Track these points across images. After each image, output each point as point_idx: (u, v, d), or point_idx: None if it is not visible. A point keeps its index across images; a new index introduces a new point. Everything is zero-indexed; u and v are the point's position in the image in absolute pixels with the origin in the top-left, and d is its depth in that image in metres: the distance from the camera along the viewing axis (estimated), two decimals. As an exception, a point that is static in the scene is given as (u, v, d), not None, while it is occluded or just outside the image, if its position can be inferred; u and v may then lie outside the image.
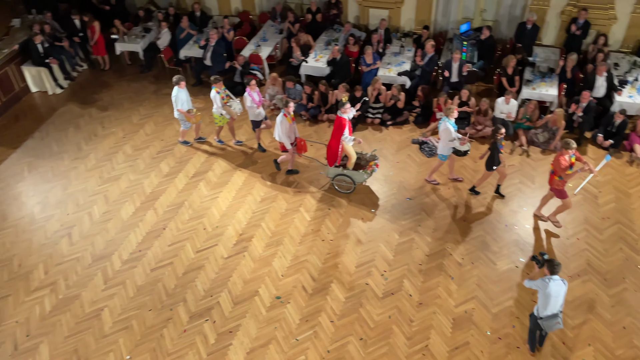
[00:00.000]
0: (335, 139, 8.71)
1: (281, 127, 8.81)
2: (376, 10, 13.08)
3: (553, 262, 5.96)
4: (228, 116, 9.88)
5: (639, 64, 11.07)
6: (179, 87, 9.66)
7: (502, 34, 12.64)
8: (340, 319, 7.26)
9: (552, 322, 6.10)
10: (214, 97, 9.64)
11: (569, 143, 7.46)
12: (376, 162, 9.19)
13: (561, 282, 5.98)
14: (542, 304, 6.08)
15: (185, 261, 8.23)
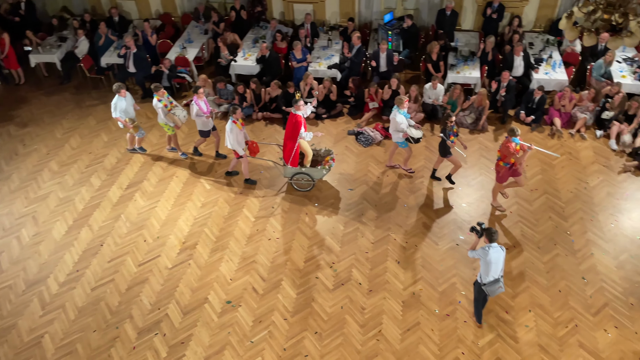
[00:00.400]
0: (292, 137, 8.56)
1: (232, 134, 8.54)
2: (301, 5, 13.10)
3: (490, 231, 6.28)
4: (172, 123, 9.50)
5: (551, 42, 11.75)
6: (119, 95, 9.24)
7: (423, 22, 13.03)
8: (293, 316, 7.26)
9: (495, 286, 6.43)
10: (156, 106, 9.25)
11: (514, 130, 7.65)
12: (332, 156, 9.18)
13: (499, 249, 6.31)
14: (484, 271, 6.38)
15: (127, 276, 7.93)
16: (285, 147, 8.79)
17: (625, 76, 10.51)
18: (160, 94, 9.19)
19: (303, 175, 8.97)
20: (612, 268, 7.64)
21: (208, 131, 9.60)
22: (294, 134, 8.53)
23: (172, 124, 9.49)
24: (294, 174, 8.99)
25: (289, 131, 8.61)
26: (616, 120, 9.90)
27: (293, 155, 8.67)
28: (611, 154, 9.67)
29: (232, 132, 8.55)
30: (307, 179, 9.02)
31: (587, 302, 7.22)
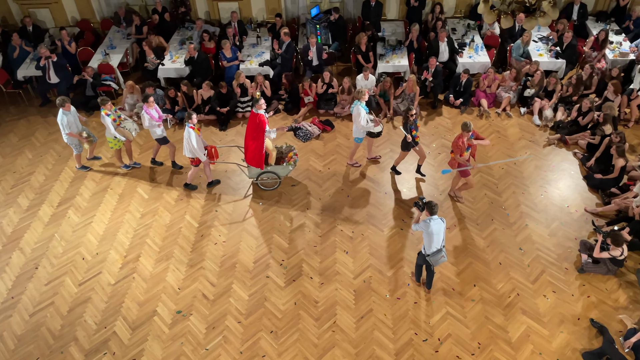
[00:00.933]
0: (256, 137, 8.31)
1: (191, 140, 8.23)
2: (226, 4, 12.90)
3: (431, 204, 6.60)
4: (123, 139, 9.02)
5: (472, 26, 12.24)
6: (64, 110, 8.70)
7: (350, 14, 13.18)
8: (247, 318, 7.19)
9: (438, 256, 6.78)
10: (104, 120, 8.74)
11: (467, 125, 7.70)
12: (294, 152, 9.08)
13: (440, 221, 6.65)
14: (427, 243, 6.70)
15: (68, 298, 7.54)
16: (248, 147, 8.51)
17: (542, 54, 11.13)
18: (108, 108, 8.70)
19: (269, 174, 8.84)
20: (545, 237, 8.10)
21: (165, 138, 9.20)
22: (257, 134, 8.28)
23: (123, 138, 9.00)
24: (260, 174, 8.85)
25: (251, 131, 8.36)
26: (537, 97, 10.46)
27: (259, 155, 8.40)
28: (535, 129, 10.22)
29: (191, 138, 8.24)
30: (273, 177, 8.91)
31: (526, 271, 7.62)
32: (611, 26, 11.83)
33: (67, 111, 8.78)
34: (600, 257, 7.21)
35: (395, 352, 6.71)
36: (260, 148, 8.38)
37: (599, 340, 6.68)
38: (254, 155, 8.46)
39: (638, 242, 7.51)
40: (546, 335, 6.81)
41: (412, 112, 8.29)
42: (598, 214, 8.36)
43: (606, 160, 8.79)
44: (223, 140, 10.26)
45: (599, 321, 6.87)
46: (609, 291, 7.29)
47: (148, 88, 10.51)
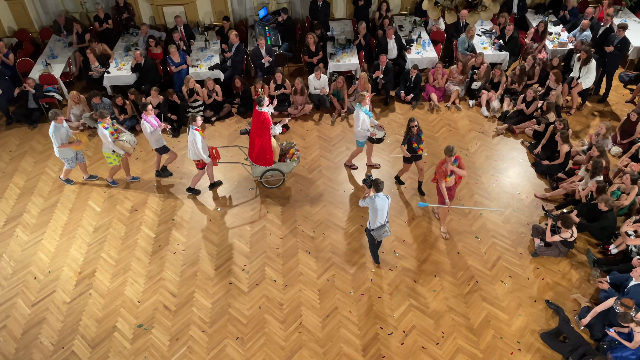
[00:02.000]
0: (261, 135, 8.25)
1: (197, 143, 8.08)
2: (170, 8, 12.64)
3: (377, 181, 6.89)
4: (122, 152, 8.60)
5: (418, 22, 12.48)
6: (56, 123, 8.26)
7: (298, 14, 13.19)
8: (211, 326, 7.07)
9: (381, 231, 7.12)
10: (102, 134, 8.32)
11: (449, 149, 7.28)
12: (295, 148, 9.03)
13: (385, 197, 6.97)
14: (372, 218, 7.06)
15: (21, 320, 7.21)
16: (254, 146, 8.42)
17: (487, 47, 11.48)
18: (106, 121, 8.31)
19: (273, 172, 8.73)
20: (499, 224, 8.36)
21: (164, 146, 8.92)
22: (262, 132, 8.23)
23: (122, 152, 8.60)
24: (264, 172, 8.72)
25: (255, 129, 8.28)
26: (484, 89, 10.78)
27: (266, 153, 8.39)
28: (484, 120, 10.53)
29: (196, 141, 8.07)
30: (277, 175, 8.82)
31: (483, 258, 7.84)
32: (549, 18, 12.33)
33: (59, 124, 8.35)
34: (551, 240, 7.50)
35: (362, 347, 6.76)
36: (267, 146, 8.36)
37: (555, 320, 6.95)
38: (260, 153, 8.42)
39: (586, 223, 7.86)
40: (506, 319, 7.03)
41: (414, 123, 8.02)
42: (547, 199, 8.70)
43: (552, 146, 9.15)
44: (176, 147, 10.05)
45: (554, 302, 7.15)
46: (562, 272, 7.60)
47: (95, 98, 10.18)
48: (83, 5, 12.61)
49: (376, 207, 6.91)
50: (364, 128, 8.53)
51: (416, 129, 8.07)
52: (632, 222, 7.60)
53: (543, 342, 6.73)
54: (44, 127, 10.69)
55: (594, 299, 7.21)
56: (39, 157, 9.95)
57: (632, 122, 9.22)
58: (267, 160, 8.53)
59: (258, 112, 8.23)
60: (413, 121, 8.02)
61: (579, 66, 10.13)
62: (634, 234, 7.45)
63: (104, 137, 8.38)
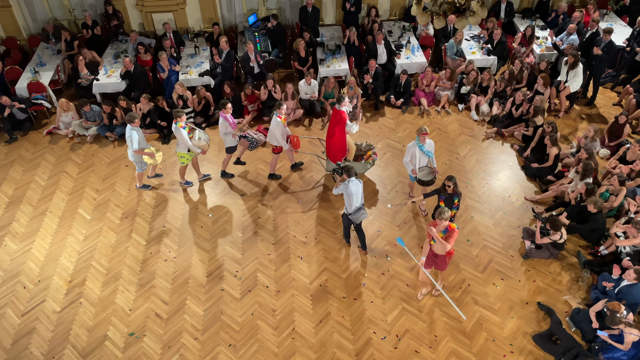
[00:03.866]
0: (338, 132, 8.38)
1: (277, 130, 8.48)
2: (159, 15, 12.62)
3: (348, 167, 7.13)
4: (199, 151, 8.57)
5: (407, 28, 12.56)
6: (132, 126, 8.20)
7: (288, 20, 13.23)
8: (204, 333, 7.03)
9: (359, 214, 7.34)
10: (178, 133, 8.30)
11: (441, 213, 6.27)
12: (374, 150, 9.01)
13: (357, 182, 7.23)
14: (348, 203, 7.26)
15: (10, 330, 7.12)
16: (333, 143, 8.54)
17: (475, 52, 11.57)
18: (182, 120, 8.28)
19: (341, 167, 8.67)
20: (490, 227, 8.40)
21: (235, 146, 9.06)
22: (340, 129, 8.38)
23: (199, 151, 8.57)
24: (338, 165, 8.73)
25: (331, 127, 8.44)
26: (473, 93, 10.86)
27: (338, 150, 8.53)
28: (474, 124, 10.60)
29: (277, 128, 8.44)
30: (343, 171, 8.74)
31: (475, 261, 7.87)
32: (537, 22, 12.46)
33: (135, 127, 8.28)
34: (541, 242, 7.55)
35: (356, 352, 6.75)
36: (339, 143, 8.46)
37: (547, 322, 6.99)
38: (334, 149, 8.57)
39: (576, 225, 7.92)
40: (498, 322, 7.05)
41: (450, 182, 7.13)
42: (537, 202, 8.76)
43: (541, 149, 9.23)
44: (166, 153, 10.01)
45: (545, 304, 7.19)
46: (553, 274, 7.64)
47: (85, 106, 10.14)
48: (71, 13, 12.56)
49: (351, 192, 7.12)
50: None
51: (452, 189, 7.16)
52: (621, 223, 7.67)
53: (535, 344, 6.76)
54: (32, 135, 10.61)
55: (585, 300, 7.26)
56: (27, 166, 9.87)
57: (620, 124, 9.33)
58: (338, 157, 8.64)
59: (336, 110, 8.35)
60: (450, 180, 7.09)
61: (566, 70, 10.24)
62: (623, 235, 7.52)
63: (181, 137, 8.32)
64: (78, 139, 10.43)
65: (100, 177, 9.55)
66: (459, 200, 7.40)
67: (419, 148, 7.91)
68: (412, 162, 8.04)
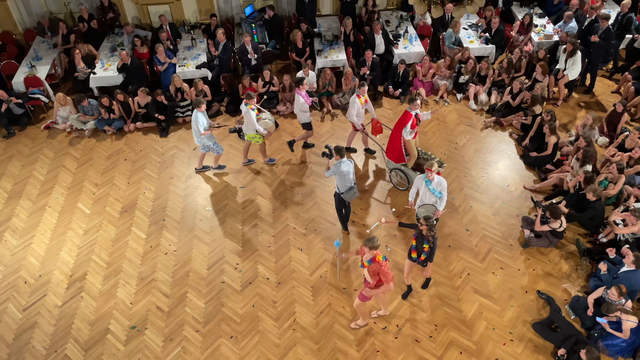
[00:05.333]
0: (396, 133, 8.26)
1: (353, 108, 8.56)
2: (155, 7, 12.52)
3: (338, 147, 7.25)
4: (265, 132, 8.78)
5: (405, 17, 12.49)
6: (199, 110, 8.40)
7: (285, 11, 13.14)
8: (205, 326, 7.06)
9: (351, 192, 7.46)
10: (247, 115, 8.54)
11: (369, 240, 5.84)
12: (440, 168, 8.15)
13: (348, 162, 7.33)
14: (341, 183, 7.35)
15: (12, 324, 7.15)
16: (390, 140, 8.47)
17: (473, 41, 11.52)
18: (252, 103, 8.54)
19: (400, 173, 8.63)
20: (489, 216, 8.41)
21: (310, 123, 9.20)
22: (398, 129, 8.24)
23: (264, 132, 8.75)
24: (393, 169, 8.72)
25: (395, 127, 8.31)
26: (471, 82, 10.83)
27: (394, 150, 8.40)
28: (472, 113, 10.58)
29: (353, 106, 8.55)
30: (402, 178, 8.69)
31: (474, 250, 7.89)
32: (534, 10, 12.40)
33: (202, 111, 8.48)
34: (541, 229, 7.57)
35: (357, 342, 6.79)
36: (395, 143, 8.37)
37: (546, 310, 7.02)
38: (391, 149, 8.50)
39: (575, 214, 7.94)
40: (498, 310, 7.09)
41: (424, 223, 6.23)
42: (536, 190, 8.77)
43: (540, 138, 9.23)
44: (165, 146, 10.00)
45: (545, 292, 7.23)
46: (552, 262, 7.67)
47: (83, 101, 10.11)
48: (67, 6, 12.47)
49: (342, 172, 7.21)
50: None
51: (426, 231, 6.24)
52: (620, 211, 7.69)
53: (535, 332, 6.80)
54: (29, 130, 10.58)
55: (585, 288, 7.29)
56: (26, 161, 9.85)
57: (618, 113, 9.31)
58: (393, 157, 8.54)
59: (407, 111, 8.11)
60: (426, 220, 6.21)
61: (564, 58, 10.20)
62: (622, 223, 7.54)
63: (249, 119, 8.55)
64: (76, 133, 10.41)
65: (99, 171, 9.54)
66: (431, 248, 6.33)
67: (425, 184, 7.16)
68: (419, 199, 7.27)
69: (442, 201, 7.14)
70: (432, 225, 6.19)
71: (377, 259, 5.87)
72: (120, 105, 10.25)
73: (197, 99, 8.51)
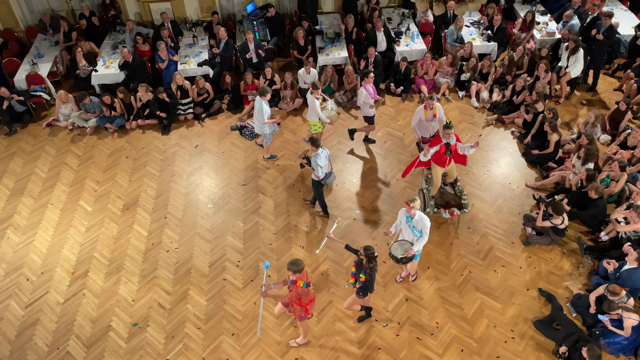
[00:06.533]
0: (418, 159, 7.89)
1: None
2: (157, 5, 12.52)
3: (313, 139, 7.55)
4: (327, 121, 8.93)
5: (407, 15, 12.46)
6: (264, 99, 8.61)
7: (286, 9, 13.13)
8: (207, 323, 7.07)
9: (330, 178, 7.91)
10: (312, 103, 8.72)
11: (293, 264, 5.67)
12: (459, 211, 7.97)
13: (325, 151, 7.69)
14: (320, 170, 7.60)
15: (14, 321, 7.17)
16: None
17: (475, 38, 11.49)
18: (317, 93, 8.78)
19: (421, 194, 8.27)
20: (491, 214, 8.41)
21: (373, 117, 9.26)
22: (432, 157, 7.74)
23: (327, 121, 8.92)
24: (420, 189, 8.50)
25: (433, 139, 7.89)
26: (473, 80, 10.81)
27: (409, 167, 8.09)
28: (474, 111, 10.56)
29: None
30: (421, 200, 8.02)
31: (476, 248, 7.89)
32: (537, 7, 12.36)
33: (266, 100, 8.65)
34: (542, 225, 7.55)
35: (358, 340, 6.79)
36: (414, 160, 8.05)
37: (548, 308, 7.02)
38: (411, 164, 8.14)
39: (576, 211, 7.92)
40: (499, 308, 7.09)
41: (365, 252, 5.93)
42: (538, 188, 8.76)
43: (542, 136, 9.21)
44: (166, 144, 10.01)
45: (546, 290, 7.22)
46: (554, 260, 7.67)
47: (85, 99, 10.12)
48: (68, 3, 12.47)
49: (322, 161, 7.52)
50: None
51: (366, 262, 5.96)
52: (622, 209, 7.68)
53: (536, 330, 6.80)
54: (31, 127, 10.60)
55: (586, 286, 7.28)
56: (27, 158, 9.87)
57: (622, 111, 9.29)
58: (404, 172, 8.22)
59: (438, 137, 7.67)
60: (365, 250, 5.93)
61: (567, 55, 10.17)
62: (623, 220, 7.53)
63: (313, 107, 8.74)
64: (78, 131, 10.42)
65: (101, 168, 9.55)
66: (367, 280, 6.06)
67: (406, 219, 6.64)
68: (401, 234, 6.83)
69: (419, 241, 6.52)
70: (372, 256, 5.88)
71: (298, 283, 5.65)
72: (122, 103, 10.24)
73: (263, 87, 8.62)
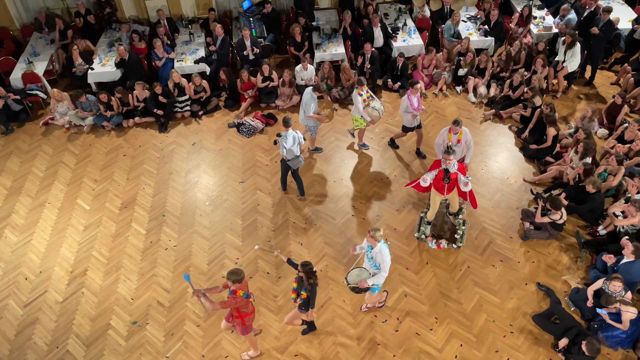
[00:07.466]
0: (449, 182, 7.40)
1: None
2: (152, 2, 12.47)
3: (285, 119, 7.75)
4: (369, 119, 8.87)
5: (403, 10, 12.43)
6: (312, 92, 8.69)
7: (283, 5, 13.09)
8: (206, 320, 7.08)
9: (297, 160, 8.03)
10: (355, 98, 8.77)
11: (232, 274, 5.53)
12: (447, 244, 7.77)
13: (293, 132, 7.79)
14: (287, 151, 7.80)
15: (13, 321, 7.17)
16: None
17: (472, 33, 11.47)
18: (362, 89, 8.77)
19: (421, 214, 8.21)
20: (489, 209, 8.42)
21: (412, 128, 9.07)
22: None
23: (369, 119, 8.87)
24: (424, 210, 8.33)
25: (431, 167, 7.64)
26: (471, 75, 10.80)
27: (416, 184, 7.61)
28: (471, 106, 10.56)
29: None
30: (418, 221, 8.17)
31: (474, 243, 7.90)
32: (533, 1, 12.35)
33: (315, 94, 8.72)
34: (541, 221, 7.57)
35: (357, 336, 6.81)
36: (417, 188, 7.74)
37: (546, 302, 7.04)
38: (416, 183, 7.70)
39: (574, 206, 7.94)
40: (498, 303, 7.11)
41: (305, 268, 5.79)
42: (536, 183, 8.77)
43: (539, 130, 9.21)
44: (164, 142, 9.99)
45: (545, 284, 7.24)
46: (552, 255, 7.68)
47: (81, 97, 10.09)
48: (64, 1, 12.41)
49: (289, 143, 7.71)
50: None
51: (305, 279, 5.81)
52: (621, 203, 7.69)
53: (535, 324, 6.82)
54: (28, 126, 10.57)
55: (585, 280, 7.31)
56: (24, 157, 9.84)
57: (618, 105, 9.30)
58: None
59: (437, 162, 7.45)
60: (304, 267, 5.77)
61: (564, 50, 10.17)
62: (621, 214, 7.55)
63: (357, 103, 8.77)
64: (74, 130, 10.39)
65: (98, 167, 9.53)
66: (308, 295, 5.89)
67: (367, 247, 6.23)
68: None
69: (376, 277, 6.08)
70: (310, 272, 5.72)
71: (238, 293, 5.55)
72: (119, 101, 10.21)
73: (319, 83, 8.70)
